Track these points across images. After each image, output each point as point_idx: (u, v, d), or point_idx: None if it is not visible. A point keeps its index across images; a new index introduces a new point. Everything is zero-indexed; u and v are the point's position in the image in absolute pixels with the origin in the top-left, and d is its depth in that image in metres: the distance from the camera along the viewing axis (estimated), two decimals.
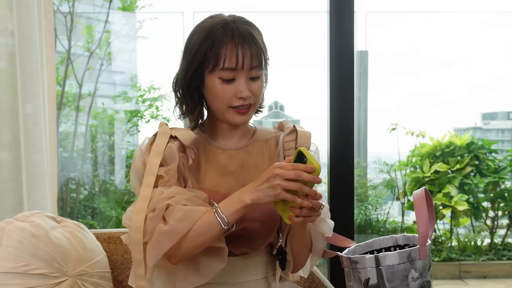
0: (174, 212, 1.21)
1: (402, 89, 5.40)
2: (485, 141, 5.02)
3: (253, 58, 1.28)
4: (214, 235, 1.22)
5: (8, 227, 1.54)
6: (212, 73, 1.28)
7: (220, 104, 1.31)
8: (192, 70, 1.30)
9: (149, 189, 1.27)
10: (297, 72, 4.94)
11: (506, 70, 5.32)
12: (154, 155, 1.29)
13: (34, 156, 2.10)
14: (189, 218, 1.21)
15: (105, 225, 4.42)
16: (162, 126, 1.34)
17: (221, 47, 1.26)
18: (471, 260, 4.79)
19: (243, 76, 1.28)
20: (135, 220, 1.25)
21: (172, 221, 1.20)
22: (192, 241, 1.21)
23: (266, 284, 1.38)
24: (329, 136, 2.23)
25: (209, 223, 1.20)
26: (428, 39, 5.19)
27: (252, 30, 1.29)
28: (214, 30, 1.27)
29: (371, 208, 4.78)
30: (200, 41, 1.28)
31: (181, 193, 1.25)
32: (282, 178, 1.15)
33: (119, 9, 4.65)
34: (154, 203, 1.24)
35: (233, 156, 1.37)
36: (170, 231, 1.20)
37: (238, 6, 5.03)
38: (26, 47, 2.07)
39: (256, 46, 1.28)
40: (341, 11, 2.20)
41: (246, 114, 1.32)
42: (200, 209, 1.22)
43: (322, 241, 1.41)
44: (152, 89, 4.70)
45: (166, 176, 1.28)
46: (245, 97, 1.29)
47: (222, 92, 1.29)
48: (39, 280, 1.49)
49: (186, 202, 1.23)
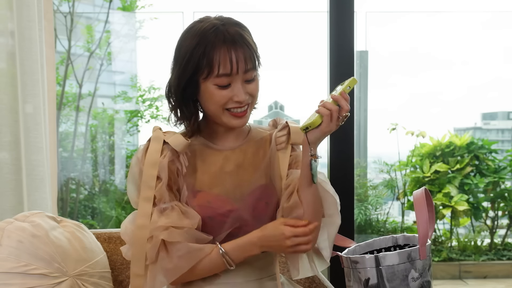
0: (178, 249, 1.26)
1: (402, 89, 5.41)
2: (485, 141, 5.02)
3: (247, 60, 1.27)
4: (218, 271, 1.31)
5: (8, 227, 1.54)
6: (207, 80, 1.28)
7: (215, 107, 1.30)
8: (186, 79, 1.29)
9: (148, 204, 1.29)
10: (297, 72, 4.94)
11: (506, 70, 5.32)
12: (149, 166, 1.30)
13: (34, 156, 2.09)
14: (193, 257, 1.26)
15: (105, 225, 4.42)
16: (155, 131, 1.34)
17: (214, 53, 1.25)
18: (471, 260, 4.79)
19: (238, 80, 1.28)
20: (138, 237, 1.28)
21: (176, 260, 1.26)
22: (196, 276, 1.30)
23: (266, 284, 1.38)
24: (329, 136, 2.23)
25: (215, 263, 1.29)
26: (428, 39, 5.19)
27: (242, 32, 1.28)
28: (205, 35, 1.26)
29: (371, 208, 4.78)
30: (191, 48, 1.27)
31: (176, 224, 1.27)
32: (293, 237, 1.25)
33: (119, 9, 4.65)
34: (152, 231, 1.28)
35: (229, 156, 1.37)
36: (174, 268, 1.26)
37: (238, 6, 5.03)
38: (26, 47, 2.07)
39: (248, 48, 1.28)
40: (341, 11, 2.20)
41: (244, 117, 1.32)
42: (204, 249, 1.28)
43: (335, 207, 1.38)
44: (152, 89, 4.70)
45: (158, 195, 1.30)
46: (242, 101, 1.29)
47: (218, 97, 1.28)
48: (39, 280, 1.49)
49: (181, 238, 1.26)
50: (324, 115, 1.23)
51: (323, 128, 1.24)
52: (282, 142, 1.38)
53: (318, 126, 1.24)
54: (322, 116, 1.23)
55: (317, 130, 1.24)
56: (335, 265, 1.48)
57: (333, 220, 1.38)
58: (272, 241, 1.26)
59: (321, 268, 1.41)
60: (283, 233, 1.24)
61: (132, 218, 1.32)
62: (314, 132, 1.25)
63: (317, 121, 1.23)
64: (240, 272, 1.35)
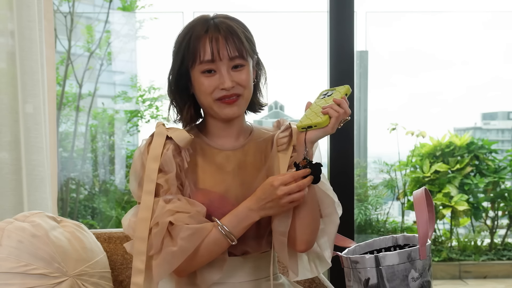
0: (181, 231, 1.23)
1: (402, 89, 5.41)
2: (485, 141, 5.02)
3: (230, 47, 1.28)
4: (222, 251, 1.28)
5: (8, 227, 1.54)
6: (194, 68, 1.30)
7: (205, 97, 1.31)
8: (177, 69, 1.33)
9: (150, 197, 1.28)
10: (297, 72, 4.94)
11: (506, 70, 5.32)
12: (152, 160, 1.29)
13: (34, 156, 2.10)
14: (196, 237, 1.24)
15: (105, 225, 4.42)
16: (158, 126, 1.34)
17: (197, 41, 1.29)
18: (471, 260, 4.79)
19: (224, 67, 1.29)
20: (139, 230, 1.27)
21: (180, 241, 1.23)
22: (201, 258, 1.27)
23: (266, 284, 1.38)
24: (329, 136, 2.23)
25: (217, 240, 1.26)
26: (428, 39, 5.19)
27: (230, 22, 1.31)
28: (193, 28, 1.31)
29: (371, 208, 4.78)
30: (180, 40, 1.32)
31: (183, 209, 1.26)
32: (288, 195, 1.22)
33: (119, 9, 4.65)
34: (158, 217, 1.25)
35: (230, 156, 1.37)
36: (179, 251, 1.23)
37: (238, 6, 5.03)
38: (26, 47, 2.07)
39: (233, 36, 1.29)
40: (341, 11, 2.20)
41: (234, 105, 1.32)
42: (206, 227, 1.26)
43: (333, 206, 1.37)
44: (152, 89, 4.70)
45: (165, 185, 1.29)
46: (228, 88, 1.29)
47: (205, 85, 1.30)
48: (39, 280, 1.49)
49: (189, 220, 1.25)
50: (332, 116, 1.25)
51: (328, 129, 1.25)
52: (283, 143, 1.37)
53: (324, 127, 1.25)
54: (331, 117, 1.24)
55: (320, 130, 1.26)
56: (335, 265, 1.48)
57: (331, 219, 1.38)
58: (265, 199, 1.24)
59: (323, 269, 1.41)
60: (271, 185, 1.23)
61: (135, 211, 1.31)
62: (316, 132, 1.26)
63: (325, 122, 1.25)
64: (238, 272, 1.35)
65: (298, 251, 1.35)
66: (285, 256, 1.32)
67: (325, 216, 1.37)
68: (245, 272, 1.36)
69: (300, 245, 1.33)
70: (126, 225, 1.32)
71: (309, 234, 1.32)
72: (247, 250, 1.36)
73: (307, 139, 1.26)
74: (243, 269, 1.36)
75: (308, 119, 1.27)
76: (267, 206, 1.24)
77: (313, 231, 1.33)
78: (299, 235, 1.31)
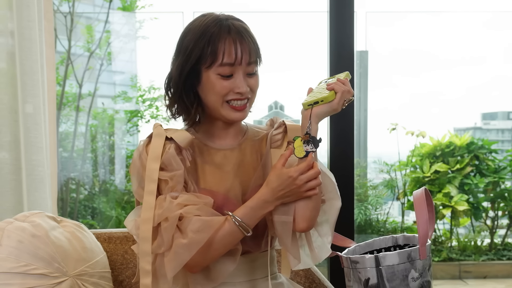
0: (191, 223, 1.22)
1: (402, 89, 5.41)
2: (485, 141, 5.02)
3: (251, 53, 1.29)
4: (236, 242, 1.28)
5: (8, 227, 1.54)
6: (210, 68, 1.28)
7: (216, 98, 1.30)
8: (189, 68, 1.30)
9: (152, 197, 1.27)
10: (297, 72, 4.94)
11: (506, 70, 5.32)
12: (152, 160, 1.28)
13: (34, 156, 2.09)
14: (207, 229, 1.23)
15: (105, 225, 4.42)
16: (156, 127, 1.33)
17: (219, 42, 1.27)
18: (471, 260, 4.79)
19: (240, 71, 1.29)
20: (142, 230, 1.26)
21: (191, 233, 1.22)
22: (216, 251, 1.26)
23: (265, 284, 1.38)
24: (329, 136, 2.23)
25: (231, 232, 1.25)
26: (428, 39, 5.19)
27: (246, 26, 1.32)
28: (209, 27, 1.28)
29: (371, 208, 4.78)
30: (196, 38, 1.28)
31: (192, 202, 1.25)
32: (305, 183, 1.23)
33: (119, 9, 4.65)
34: (166, 212, 1.24)
35: (228, 155, 1.37)
36: (189, 243, 1.22)
37: (238, 6, 5.03)
38: (26, 47, 2.07)
39: (252, 42, 1.30)
40: (341, 11, 2.20)
41: (243, 111, 1.33)
42: (217, 220, 1.25)
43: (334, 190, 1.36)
44: (152, 89, 4.70)
45: (171, 181, 1.27)
46: (243, 92, 1.30)
47: (219, 87, 1.29)
48: (39, 280, 1.49)
49: (198, 212, 1.24)
50: (338, 91, 1.26)
51: (334, 104, 1.26)
52: (277, 140, 1.39)
53: (330, 101, 1.26)
54: (336, 92, 1.26)
55: (326, 105, 1.26)
56: (335, 265, 1.48)
57: (332, 204, 1.37)
58: (283, 189, 1.24)
59: (324, 256, 1.37)
60: (290, 176, 1.23)
61: (137, 212, 1.31)
62: (322, 107, 1.26)
63: (332, 96, 1.26)
64: (238, 272, 1.35)
65: (299, 230, 1.31)
66: (287, 240, 1.29)
67: (326, 200, 1.36)
68: (244, 271, 1.36)
69: (301, 223, 1.29)
70: (131, 226, 1.31)
71: (311, 209, 1.29)
72: (246, 249, 1.35)
73: (313, 113, 1.26)
74: (242, 269, 1.36)
75: (313, 97, 1.28)
76: (285, 195, 1.25)
77: (314, 207, 1.30)
78: (300, 212, 1.29)
